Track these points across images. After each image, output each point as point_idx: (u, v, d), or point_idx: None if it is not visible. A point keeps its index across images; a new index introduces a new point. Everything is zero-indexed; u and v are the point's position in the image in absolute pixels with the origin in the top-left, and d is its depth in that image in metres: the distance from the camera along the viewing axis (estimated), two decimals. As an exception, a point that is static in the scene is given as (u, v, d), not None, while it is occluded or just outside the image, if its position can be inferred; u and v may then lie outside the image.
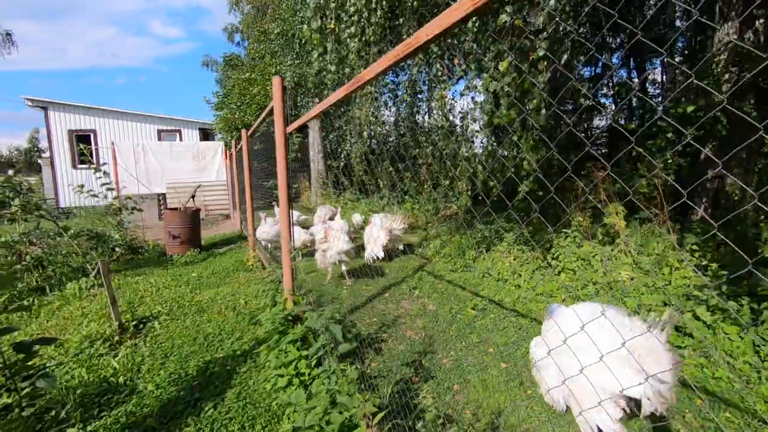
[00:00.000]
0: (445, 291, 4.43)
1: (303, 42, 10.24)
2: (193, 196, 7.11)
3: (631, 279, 4.06)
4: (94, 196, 4.13)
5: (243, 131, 5.89)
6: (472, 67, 3.13)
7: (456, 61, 3.65)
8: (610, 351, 1.47)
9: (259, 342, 3.01)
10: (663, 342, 1.59)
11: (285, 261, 2.94)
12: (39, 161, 19.51)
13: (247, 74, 13.46)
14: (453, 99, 4.01)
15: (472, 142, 3.83)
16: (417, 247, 6.57)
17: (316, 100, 10.97)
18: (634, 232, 5.05)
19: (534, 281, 4.34)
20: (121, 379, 2.64)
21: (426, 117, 5.89)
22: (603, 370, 1.55)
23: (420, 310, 3.90)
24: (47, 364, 2.91)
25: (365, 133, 4.48)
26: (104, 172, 4.26)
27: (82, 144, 13.76)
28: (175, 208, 6.81)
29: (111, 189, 4.32)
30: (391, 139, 10.80)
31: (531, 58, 2.78)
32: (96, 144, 13.69)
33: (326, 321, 2.29)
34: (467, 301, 4.06)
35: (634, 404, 1.66)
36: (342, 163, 11.25)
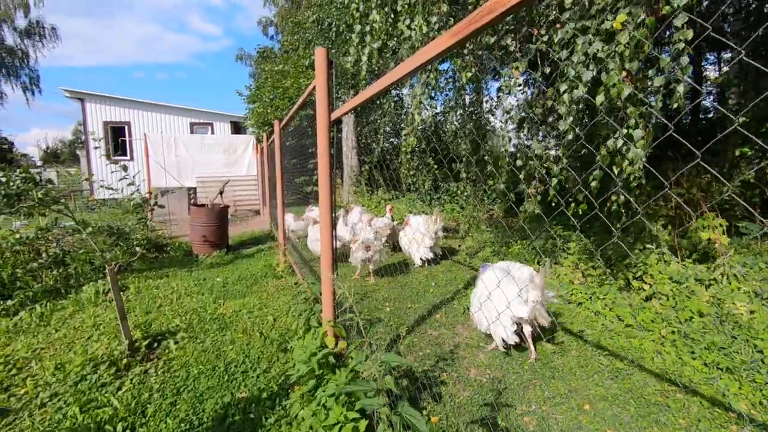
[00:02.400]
0: (507, 314, 3.71)
1: (340, 31, 9.68)
2: (221, 192, 6.66)
3: (751, 312, 3.22)
4: (109, 188, 3.67)
5: (275, 122, 5.35)
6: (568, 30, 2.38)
7: (537, 32, 2.91)
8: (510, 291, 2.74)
9: (291, 383, 2.42)
10: (536, 284, 2.74)
11: (325, 283, 2.33)
12: (78, 153, 19.98)
13: (280, 66, 13.04)
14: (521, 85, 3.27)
15: (554, 133, 3.10)
16: (464, 254, 5.87)
17: (351, 92, 10.40)
18: (735, 249, 4.16)
19: (619, 308, 3.56)
20: (119, 427, 2.10)
21: (488, 105, 5.13)
22: (506, 302, 2.58)
23: (481, 339, 3.21)
24: (40, 394, 2.43)
25: (417, 122, 3.80)
26: (123, 166, 3.79)
27: (119, 136, 13.86)
28: (203, 205, 6.38)
29: (131, 184, 3.85)
30: (429, 132, 10.07)
31: (662, 11, 2.01)
32: (130, 135, 13.66)
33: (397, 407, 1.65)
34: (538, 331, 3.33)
35: (524, 322, 2.85)
36: (376, 159, 10.65)
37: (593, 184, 2.78)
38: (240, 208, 11.10)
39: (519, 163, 3.39)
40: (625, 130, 2.36)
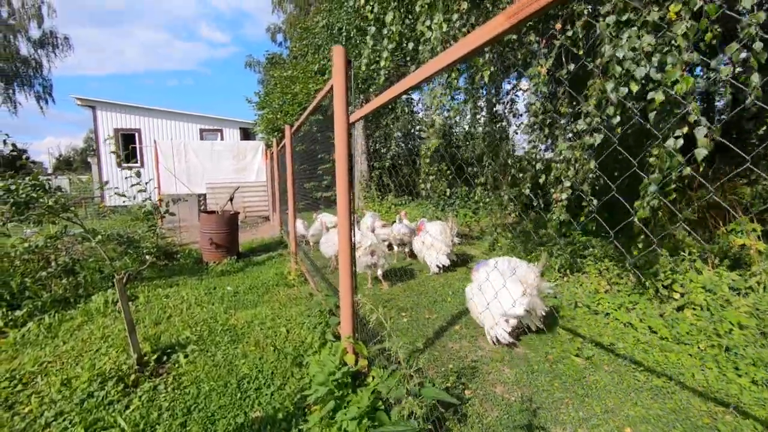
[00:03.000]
0: (531, 325, 3.53)
1: (350, 35, 9.61)
2: (231, 199, 6.58)
3: (797, 325, 3.00)
4: (122, 195, 3.57)
5: (287, 128, 5.25)
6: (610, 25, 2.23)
7: (558, 26, 2.76)
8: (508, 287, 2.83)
9: (308, 402, 2.27)
10: (534, 277, 3.03)
11: (344, 295, 2.18)
12: (89, 160, 20.19)
13: (289, 72, 13.02)
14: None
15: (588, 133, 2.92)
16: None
17: (361, 97, 10.31)
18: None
19: (650, 320, 3.36)
20: (126, 452, 1.97)
21: (507, 107, 4.97)
22: (504, 299, 2.80)
23: (505, 353, 3.04)
24: (45, 413, 2.31)
25: (438, 125, 3.68)
26: (137, 172, 3.68)
27: (129, 143, 13.93)
28: (213, 212, 6.30)
29: (142, 190, 3.74)
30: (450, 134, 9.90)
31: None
32: (140, 143, 13.72)
33: None
34: (565, 343, 3.15)
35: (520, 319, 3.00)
36: (387, 164, 10.52)
37: (651, 189, 2.58)
38: (249, 214, 11.04)
39: (539, 166, 3.23)
40: (685, 129, 2.19)
